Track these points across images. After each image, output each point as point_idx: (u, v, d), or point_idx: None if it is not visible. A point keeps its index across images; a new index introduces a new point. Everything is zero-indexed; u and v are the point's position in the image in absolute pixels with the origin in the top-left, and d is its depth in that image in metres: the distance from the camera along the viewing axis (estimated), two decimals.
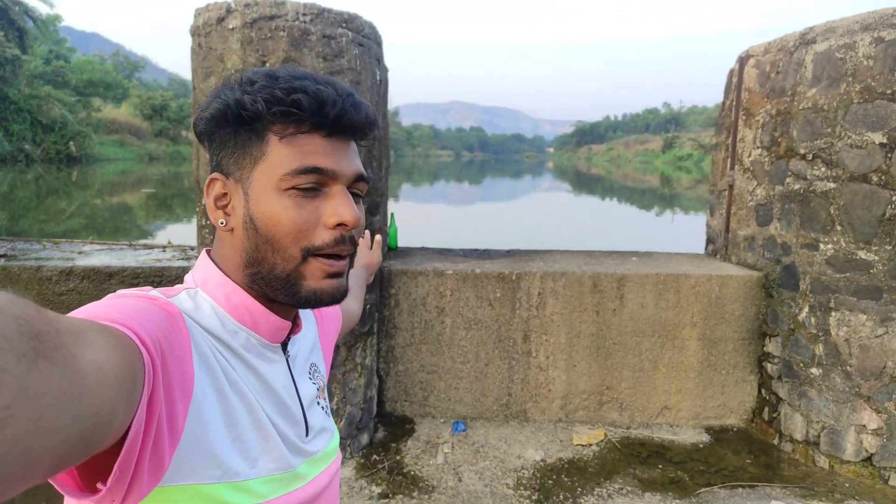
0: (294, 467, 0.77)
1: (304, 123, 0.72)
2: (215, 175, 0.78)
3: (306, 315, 1.00)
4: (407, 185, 36.84)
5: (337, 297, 0.77)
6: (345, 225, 0.73)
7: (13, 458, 0.37)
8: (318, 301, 0.76)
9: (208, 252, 0.81)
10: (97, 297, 3.86)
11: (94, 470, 0.57)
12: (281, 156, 0.72)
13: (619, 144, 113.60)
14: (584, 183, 47.37)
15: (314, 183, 0.73)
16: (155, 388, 0.57)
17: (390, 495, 3.15)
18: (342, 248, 0.74)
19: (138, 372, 0.53)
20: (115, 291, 0.67)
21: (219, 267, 0.78)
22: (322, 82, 0.74)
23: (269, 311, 0.78)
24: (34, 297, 3.69)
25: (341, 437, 3.40)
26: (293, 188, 0.72)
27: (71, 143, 33.88)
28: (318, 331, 1.02)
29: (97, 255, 4.07)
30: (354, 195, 0.79)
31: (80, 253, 4.16)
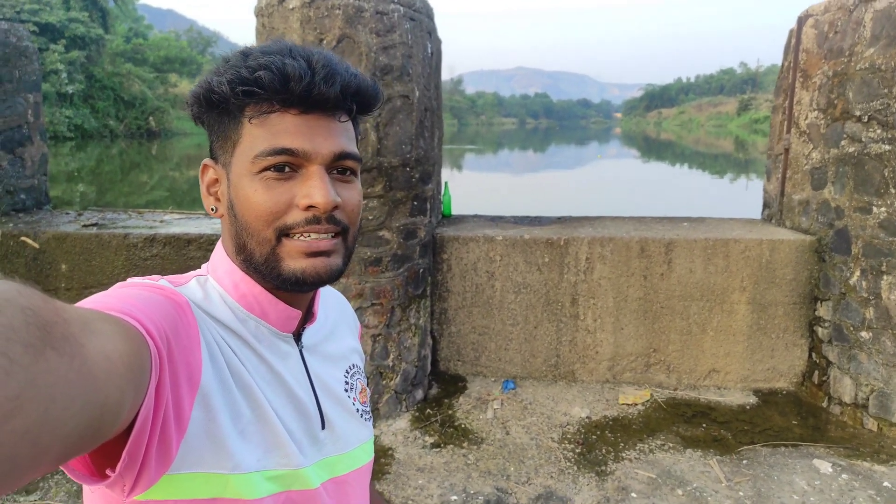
0: (303, 465, 0.74)
1: (272, 102, 0.69)
2: (207, 161, 0.77)
3: (347, 320, 0.99)
4: (470, 155, 36.84)
5: (322, 276, 0.73)
6: (316, 207, 0.70)
7: (22, 448, 0.37)
8: (302, 282, 0.72)
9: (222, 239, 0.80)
10: (177, 262, 4.22)
11: (105, 455, 0.57)
12: (253, 137, 0.70)
13: (691, 108, 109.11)
14: (653, 149, 46.02)
15: (286, 164, 0.70)
16: (161, 378, 0.57)
17: (442, 445, 3.40)
18: (315, 228, 0.71)
19: (145, 361, 0.53)
20: (193, 256, 0.78)
21: (227, 254, 0.78)
22: (297, 55, 0.69)
23: (276, 299, 0.76)
24: (122, 262, 4.11)
25: (397, 392, 3.66)
26: (265, 170, 0.70)
27: (150, 118, 35.66)
28: (359, 342, 1.01)
29: (177, 224, 4.45)
30: (342, 173, 0.75)
31: (161, 222, 4.55)
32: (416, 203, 3.57)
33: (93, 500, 0.68)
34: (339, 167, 0.74)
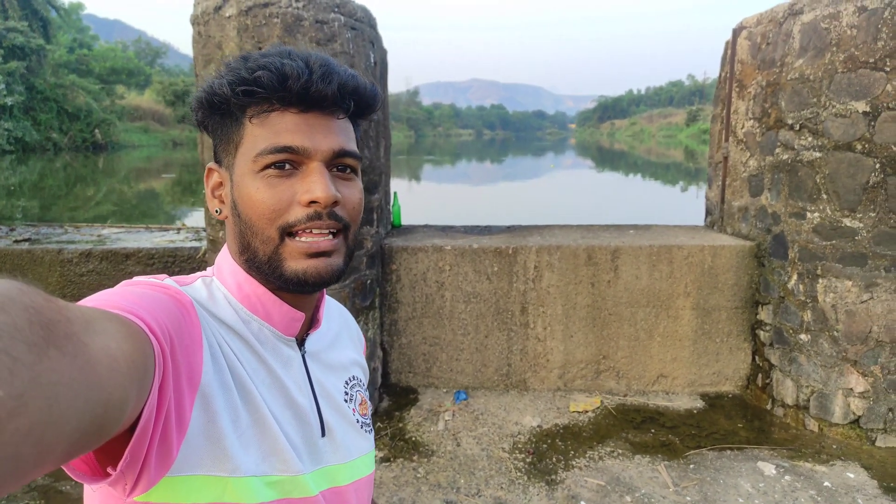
0: (302, 472, 0.73)
1: (271, 101, 0.71)
2: (211, 165, 0.79)
3: (350, 333, 0.98)
4: (428, 166, 36.93)
5: (324, 276, 0.73)
6: (317, 202, 0.71)
7: (26, 447, 0.37)
8: (304, 282, 0.73)
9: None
10: (115, 278, 4.09)
11: (107, 454, 0.57)
12: (254, 137, 0.71)
13: (642, 119, 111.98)
14: (607, 159, 46.96)
15: (286, 162, 0.71)
16: (165, 377, 0.57)
17: (391, 459, 3.34)
18: (317, 224, 0.71)
19: (149, 360, 0.53)
20: (131, 272, 0.73)
21: (231, 255, 0.78)
22: (295, 57, 0.71)
23: (280, 300, 0.77)
24: (57, 279, 3.93)
25: None
26: (267, 168, 0.71)
27: (96, 130, 34.59)
28: (363, 357, 1.01)
29: (116, 238, 4.29)
30: (342, 171, 0.76)
31: (99, 236, 4.38)
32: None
33: (94, 500, 0.67)
34: (339, 164, 0.75)
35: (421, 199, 17.54)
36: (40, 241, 4.21)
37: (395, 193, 4.59)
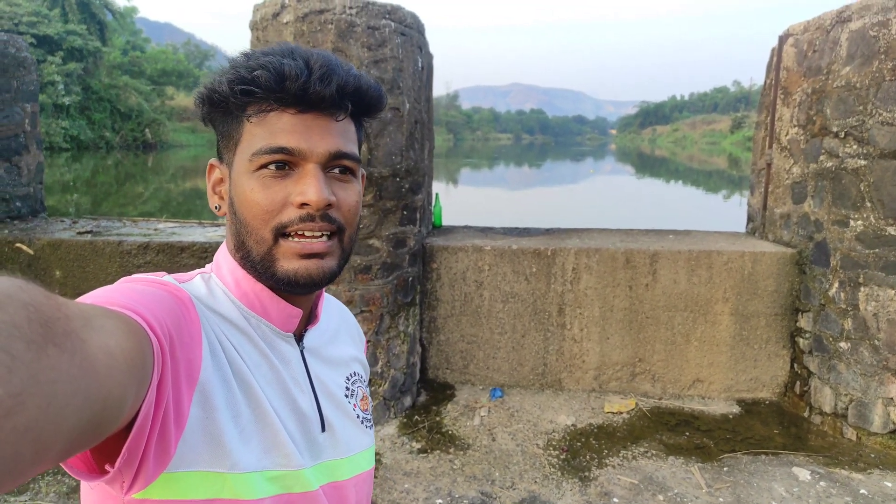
0: (303, 466, 0.74)
1: (269, 101, 0.70)
2: (213, 161, 0.79)
3: (350, 330, 0.98)
4: (466, 169, 37.07)
5: (315, 278, 0.73)
6: (309, 205, 0.70)
7: (25, 444, 0.37)
8: (294, 283, 0.73)
9: None
10: (171, 270, 4.30)
11: (104, 452, 0.57)
12: (252, 136, 0.72)
13: (685, 125, 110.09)
14: (647, 165, 46.40)
15: (282, 162, 0.71)
16: (164, 374, 0.57)
17: (428, 451, 3.45)
18: (310, 226, 0.71)
19: (147, 357, 0.53)
20: (186, 264, 0.79)
21: (229, 252, 0.79)
22: (297, 56, 0.71)
23: (277, 296, 0.77)
24: (116, 269, 4.16)
25: (385, 399, 3.71)
26: (262, 168, 0.71)
27: (147, 130, 35.80)
28: (364, 354, 1.01)
29: (171, 232, 4.51)
30: (340, 172, 0.75)
31: (155, 230, 4.61)
32: (405, 213, 3.65)
33: (91, 498, 0.67)
34: (335, 166, 0.74)
35: (459, 200, 17.66)
36: (101, 233, 4.45)
37: (436, 195, 4.71)
